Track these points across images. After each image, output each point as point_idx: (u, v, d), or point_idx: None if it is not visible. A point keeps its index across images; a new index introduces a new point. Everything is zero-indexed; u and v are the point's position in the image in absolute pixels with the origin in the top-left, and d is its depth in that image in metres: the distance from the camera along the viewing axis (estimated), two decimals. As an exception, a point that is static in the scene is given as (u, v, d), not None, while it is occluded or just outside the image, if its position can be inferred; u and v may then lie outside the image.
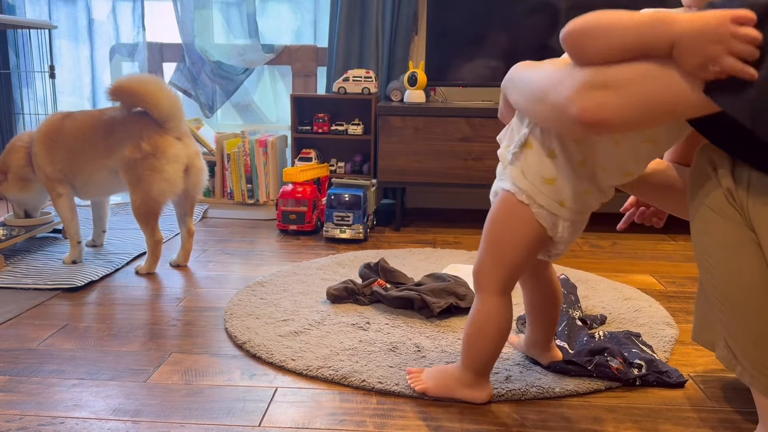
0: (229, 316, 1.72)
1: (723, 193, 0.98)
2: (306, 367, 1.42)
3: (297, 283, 2.00)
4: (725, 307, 1.01)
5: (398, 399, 1.31)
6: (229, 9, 3.15)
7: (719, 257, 1.00)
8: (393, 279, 1.90)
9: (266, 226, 2.81)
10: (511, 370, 1.40)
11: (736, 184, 0.96)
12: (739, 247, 0.98)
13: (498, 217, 1.19)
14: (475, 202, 3.21)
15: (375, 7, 2.92)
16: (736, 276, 0.98)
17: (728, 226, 0.98)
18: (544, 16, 2.67)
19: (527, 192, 1.13)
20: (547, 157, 1.11)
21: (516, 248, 1.17)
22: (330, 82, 3.06)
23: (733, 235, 0.98)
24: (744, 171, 0.96)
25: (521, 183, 1.14)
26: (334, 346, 1.53)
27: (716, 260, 1.01)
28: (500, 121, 1.29)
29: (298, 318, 1.70)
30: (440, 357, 1.48)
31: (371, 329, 1.63)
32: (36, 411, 1.25)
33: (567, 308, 1.63)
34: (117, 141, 2.05)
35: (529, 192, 1.13)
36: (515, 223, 1.16)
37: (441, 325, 1.67)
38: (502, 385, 1.33)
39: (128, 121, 2.06)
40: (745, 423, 1.22)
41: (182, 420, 1.22)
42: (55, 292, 1.92)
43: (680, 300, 1.90)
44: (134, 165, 2.02)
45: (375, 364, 1.44)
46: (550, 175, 1.11)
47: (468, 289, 1.80)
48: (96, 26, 3.21)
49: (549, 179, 1.11)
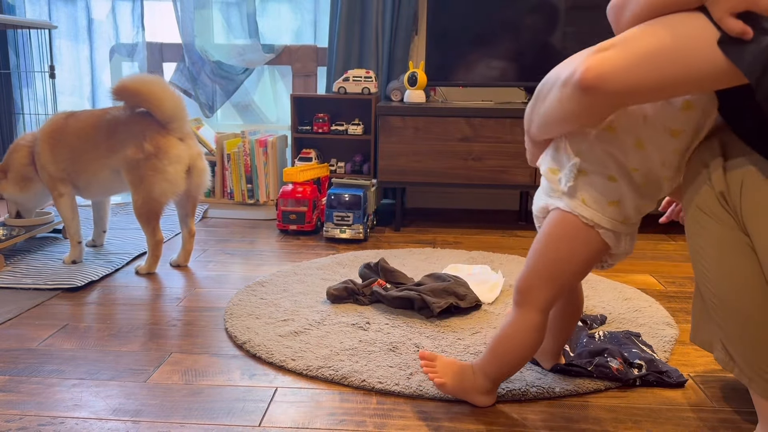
0: (229, 316, 1.72)
1: (716, 196, 0.98)
2: (306, 367, 1.42)
3: (297, 283, 2.00)
4: (720, 310, 1.01)
5: (398, 399, 1.31)
6: (229, 9, 3.16)
7: (713, 260, 1.00)
8: (393, 279, 1.90)
9: (266, 226, 2.81)
10: (511, 370, 1.40)
11: (729, 187, 0.96)
12: (732, 251, 0.97)
13: (556, 236, 1.14)
14: (475, 202, 3.21)
15: (375, 7, 2.92)
16: (729, 279, 0.98)
17: (722, 230, 0.98)
18: (544, 16, 2.67)
19: (593, 219, 1.10)
20: (608, 181, 1.09)
21: (574, 268, 1.15)
22: (330, 82, 3.06)
23: (727, 238, 0.97)
24: (737, 174, 0.95)
25: (584, 211, 1.11)
26: (334, 346, 1.53)
27: (710, 263, 1.00)
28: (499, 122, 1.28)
29: (298, 318, 1.70)
30: None
31: (371, 329, 1.63)
32: (36, 411, 1.25)
33: None
34: (119, 141, 2.05)
35: (594, 219, 1.10)
36: (577, 245, 1.12)
37: (441, 325, 1.67)
38: (502, 385, 1.33)
39: (131, 121, 2.06)
40: (745, 423, 1.22)
41: (182, 420, 1.22)
42: (55, 292, 1.92)
43: (680, 300, 1.90)
44: (136, 165, 2.02)
45: (375, 364, 1.44)
46: (614, 199, 1.10)
47: (468, 289, 1.80)
48: (96, 26, 3.21)
49: (613, 202, 1.10)
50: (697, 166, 1.02)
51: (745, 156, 0.95)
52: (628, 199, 1.10)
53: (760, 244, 0.94)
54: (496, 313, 1.76)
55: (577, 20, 2.62)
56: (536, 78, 1.12)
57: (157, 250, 2.13)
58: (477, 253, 2.35)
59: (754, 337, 0.98)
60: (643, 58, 0.88)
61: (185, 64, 3.16)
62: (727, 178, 0.97)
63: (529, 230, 2.76)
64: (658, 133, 1.05)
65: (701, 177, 1.00)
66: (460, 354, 1.50)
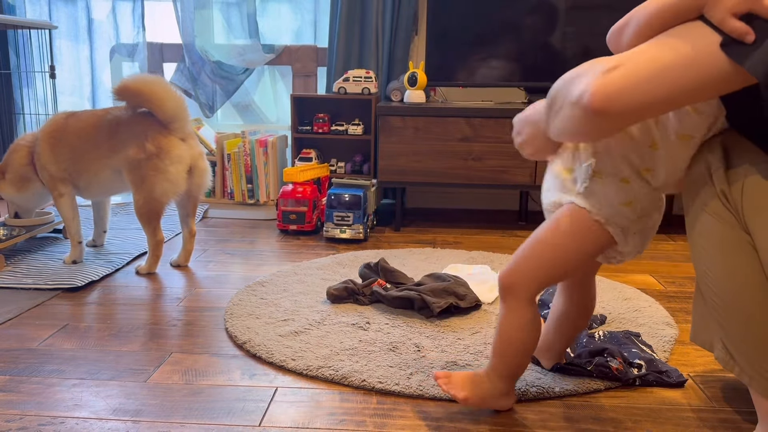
0: (229, 316, 1.72)
1: (717, 195, 0.98)
2: (306, 367, 1.42)
3: (297, 283, 2.00)
4: (722, 309, 1.01)
5: (398, 399, 1.31)
6: (229, 9, 3.16)
7: (714, 259, 1.00)
8: (393, 279, 1.90)
9: (266, 226, 2.81)
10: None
11: (730, 186, 0.96)
12: (734, 250, 0.97)
13: (566, 229, 1.15)
14: (475, 202, 3.21)
15: (375, 7, 2.92)
16: (731, 278, 0.98)
17: (723, 229, 0.98)
18: (544, 16, 2.67)
19: (606, 217, 1.11)
20: (620, 182, 1.10)
21: (575, 257, 1.16)
22: (330, 82, 3.06)
23: (728, 237, 0.98)
24: (739, 173, 0.96)
25: (598, 212, 1.11)
26: (334, 346, 1.53)
27: (712, 262, 1.01)
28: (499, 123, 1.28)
29: (299, 318, 1.70)
30: (440, 357, 1.48)
31: (371, 329, 1.63)
32: (36, 411, 1.25)
33: None
34: (121, 141, 2.05)
35: (608, 217, 1.11)
36: (584, 237, 1.13)
37: (441, 325, 1.67)
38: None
39: (133, 121, 2.06)
40: (744, 423, 1.22)
41: (182, 420, 1.22)
42: (56, 292, 1.92)
43: (680, 300, 1.90)
44: (138, 165, 2.02)
45: (375, 364, 1.44)
46: (628, 200, 1.11)
47: (468, 289, 1.80)
48: (96, 26, 3.21)
49: (627, 203, 1.11)
50: (699, 165, 1.02)
51: (747, 155, 0.96)
52: (641, 200, 1.11)
53: (761, 243, 0.94)
54: (496, 313, 1.76)
55: (577, 20, 2.62)
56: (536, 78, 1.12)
57: (157, 250, 2.13)
58: (477, 253, 2.35)
59: (756, 336, 0.98)
60: (650, 74, 0.88)
61: (185, 65, 3.16)
62: (728, 176, 0.97)
63: (529, 230, 2.74)
64: (669, 135, 1.06)
65: (703, 175, 1.01)
66: (460, 354, 1.50)
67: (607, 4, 2.54)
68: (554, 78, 1.03)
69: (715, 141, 1.02)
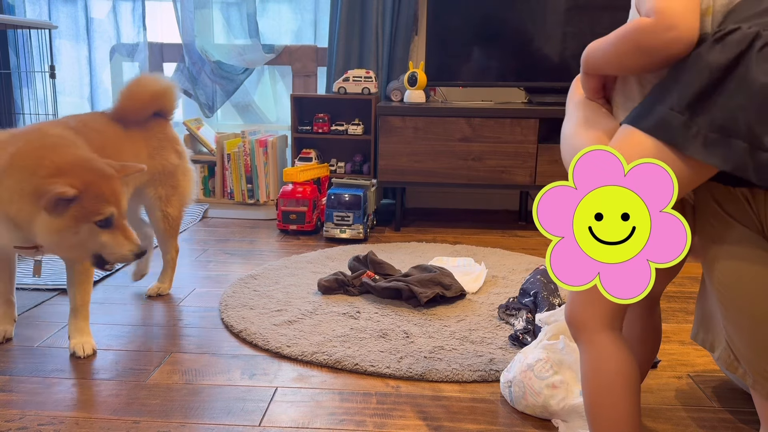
0: (224, 307, 1.76)
1: (739, 198, 0.96)
2: (301, 353, 1.47)
3: (288, 276, 2.04)
4: (731, 313, 0.99)
5: (398, 399, 1.31)
6: (229, 9, 3.16)
7: (729, 263, 0.99)
8: (381, 270, 1.96)
9: (266, 226, 2.81)
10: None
11: (753, 192, 0.94)
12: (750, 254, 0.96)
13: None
14: (475, 202, 3.21)
15: (375, 7, 2.92)
16: (745, 283, 0.97)
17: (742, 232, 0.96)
18: (544, 16, 2.67)
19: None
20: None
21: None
22: (330, 82, 3.06)
23: (746, 241, 0.96)
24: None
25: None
26: (327, 334, 1.58)
27: (725, 266, 0.99)
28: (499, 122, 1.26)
29: (291, 308, 1.75)
30: (427, 342, 1.54)
31: (362, 318, 1.69)
32: (36, 411, 1.25)
33: (547, 296, 1.63)
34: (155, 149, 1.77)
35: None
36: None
37: (428, 314, 1.73)
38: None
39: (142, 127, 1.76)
40: (744, 423, 1.22)
41: (182, 420, 1.22)
42: (55, 292, 1.92)
43: (680, 300, 1.90)
44: (174, 172, 1.80)
45: (367, 349, 1.49)
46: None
47: (453, 279, 1.87)
48: (96, 26, 3.21)
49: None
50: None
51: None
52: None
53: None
54: (480, 302, 1.83)
55: (577, 20, 2.62)
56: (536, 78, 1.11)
57: (175, 261, 1.94)
58: (461, 247, 2.42)
59: (764, 341, 0.97)
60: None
61: (185, 64, 3.16)
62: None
63: (529, 230, 2.76)
64: None
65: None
66: (447, 339, 1.56)
67: (607, 4, 2.55)
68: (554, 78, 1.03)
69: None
